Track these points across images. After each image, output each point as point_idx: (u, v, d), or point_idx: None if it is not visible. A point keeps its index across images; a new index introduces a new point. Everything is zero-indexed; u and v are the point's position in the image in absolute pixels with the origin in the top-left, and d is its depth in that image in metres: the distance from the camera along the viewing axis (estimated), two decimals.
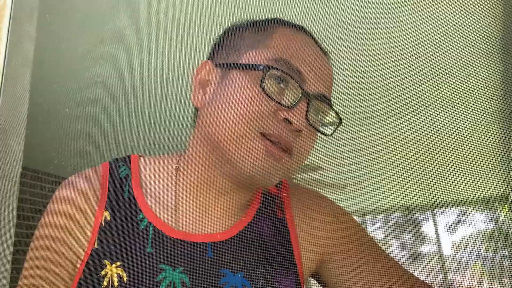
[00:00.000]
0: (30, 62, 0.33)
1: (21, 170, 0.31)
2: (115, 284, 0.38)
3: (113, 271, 0.38)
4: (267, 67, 0.38)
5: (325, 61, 0.43)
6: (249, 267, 0.40)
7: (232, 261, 0.40)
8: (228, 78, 0.41)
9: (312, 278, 0.46)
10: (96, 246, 0.40)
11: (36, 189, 2.65)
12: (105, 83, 1.71)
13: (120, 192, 0.42)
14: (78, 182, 0.43)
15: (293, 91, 0.39)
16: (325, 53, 0.45)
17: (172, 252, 0.39)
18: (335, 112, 0.42)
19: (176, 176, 0.43)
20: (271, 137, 0.38)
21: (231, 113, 0.38)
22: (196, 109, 0.45)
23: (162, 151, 0.47)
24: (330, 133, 0.43)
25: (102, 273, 0.38)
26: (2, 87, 0.30)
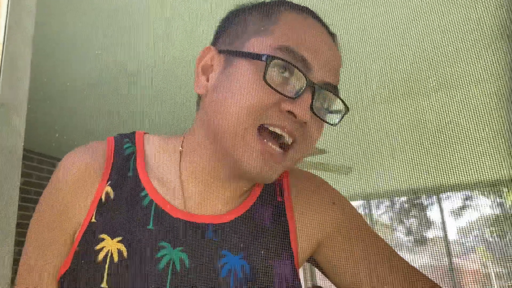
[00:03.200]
0: (30, 37, 0.33)
1: (23, 145, 0.31)
2: (115, 259, 0.38)
3: (113, 246, 0.38)
4: (270, 58, 0.37)
5: (333, 47, 0.42)
6: (249, 249, 0.40)
7: (232, 243, 0.40)
8: (232, 66, 0.40)
9: (308, 262, 0.46)
10: (93, 220, 0.40)
11: (42, 172, 2.67)
12: (106, 57, 1.69)
13: (125, 169, 0.42)
14: (84, 154, 0.43)
15: (298, 81, 0.38)
16: (333, 36, 0.43)
17: (173, 231, 0.39)
18: (342, 101, 0.42)
19: (180, 159, 0.43)
20: (274, 128, 0.38)
21: (233, 105, 0.38)
22: (198, 99, 0.45)
23: (163, 132, 0.47)
24: (336, 122, 0.42)
25: (98, 247, 0.38)
26: (2, 64, 0.30)
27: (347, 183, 0.54)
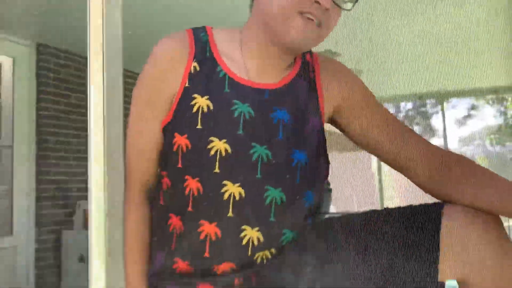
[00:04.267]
0: None
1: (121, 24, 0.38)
2: (205, 110, 0.56)
3: (203, 102, 0.56)
4: None
5: None
6: (292, 106, 0.59)
7: (281, 101, 0.59)
8: None
9: (329, 123, 0.65)
10: (187, 85, 0.57)
11: None
12: None
13: (203, 51, 0.59)
14: (174, 39, 0.59)
15: None
16: None
17: (242, 93, 0.57)
18: None
19: (240, 44, 0.60)
20: (307, 14, 0.53)
21: None
22: (252, 1, 0.60)
23: None
24: (349, 8, 0.56)
25: (192, 103, 0.56)
26: None
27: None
